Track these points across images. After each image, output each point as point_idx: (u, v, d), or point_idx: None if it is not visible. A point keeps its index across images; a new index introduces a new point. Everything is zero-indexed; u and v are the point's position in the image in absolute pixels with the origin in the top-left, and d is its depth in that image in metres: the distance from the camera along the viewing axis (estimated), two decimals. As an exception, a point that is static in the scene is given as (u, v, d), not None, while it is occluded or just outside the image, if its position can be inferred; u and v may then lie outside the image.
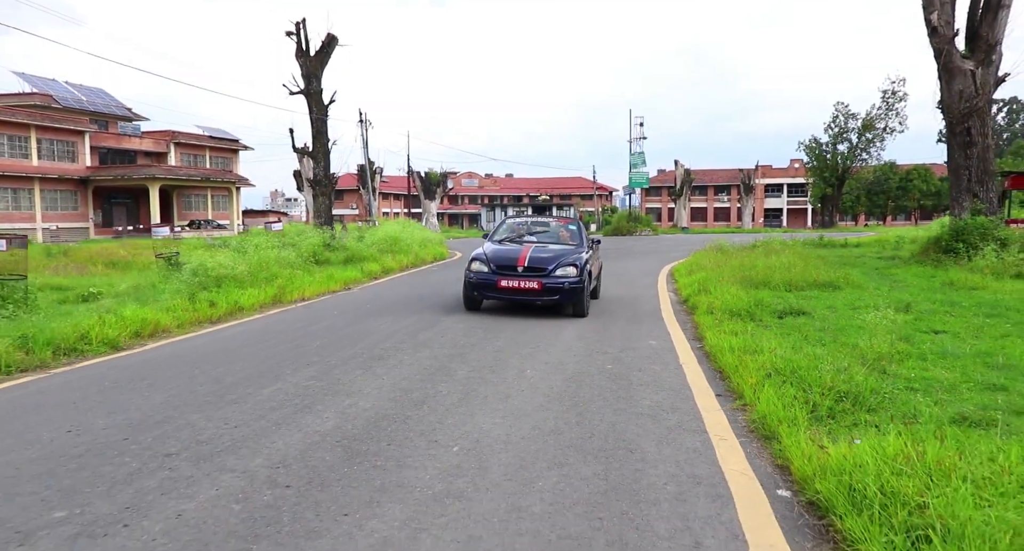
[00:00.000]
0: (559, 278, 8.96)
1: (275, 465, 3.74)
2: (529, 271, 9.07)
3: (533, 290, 8.94)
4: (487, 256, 9.48)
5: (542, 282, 8.91)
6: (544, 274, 9.00)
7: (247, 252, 12.61)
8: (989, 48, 14.64)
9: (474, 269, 9.40)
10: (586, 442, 4.14)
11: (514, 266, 9.17)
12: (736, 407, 4.95)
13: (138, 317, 8.11)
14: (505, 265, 9.22)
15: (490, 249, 9.85)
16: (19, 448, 4.05)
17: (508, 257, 9.38)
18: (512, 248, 9.88)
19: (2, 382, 5.84)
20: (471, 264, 9.52)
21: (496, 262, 9.31)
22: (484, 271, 9.27)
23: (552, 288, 8.91)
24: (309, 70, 27.78)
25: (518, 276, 9.05)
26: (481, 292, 9.27)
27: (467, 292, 9.53)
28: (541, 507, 3.21)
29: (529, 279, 8.98)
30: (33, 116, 44.04)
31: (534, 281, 8.94)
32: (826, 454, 3.46)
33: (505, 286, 9.05)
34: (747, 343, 6.39)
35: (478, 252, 9.73)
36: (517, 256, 9.33)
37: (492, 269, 9.23)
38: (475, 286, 9.30)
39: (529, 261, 9.17)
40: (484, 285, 9.18)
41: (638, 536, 2.94)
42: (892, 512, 2.78)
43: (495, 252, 9.65)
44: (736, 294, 9.61)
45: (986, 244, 13.64)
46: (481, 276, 9.23)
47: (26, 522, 3.05)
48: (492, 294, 9.22)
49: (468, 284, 9.42)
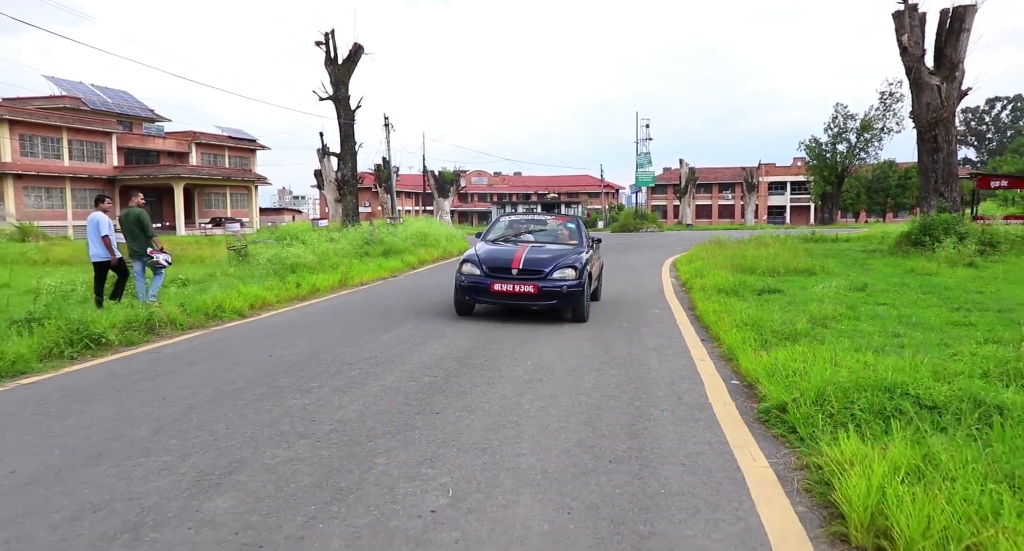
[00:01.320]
0: (557, 281, 8.51)
1: (420, 367, 6.05)
2: (524, 274, 8.57)
3: (529, 294, 8.47)
4: (479, 257, 8.98)
5: (538, 285, 8.43)
6: (540, 277, 8.52)
7: (311, 244, 14.90)
8: (953, 66, 16.84)
9: (465, 271, 8.91)
10: (613, 360, 6.43)
11: (508, 268, 8.65)
12: (713, 344, 7.23)
13: (251, 293, 10.41)
14: (498, 267, 8.71)
15: (483, 250, 9.36)
16: (247, 363, 6.35)
17: (502, 258, 8.85)
18: (506, 249, 9.35)
19: (186, 333, 8.16)
20: (462, 266, 9.03)
21: (489, 264, 8.79)
22: (476, 274, 8.77)
23: (549, 292, 8.44)
24: (337, 77, 30.17)
25: (512, 279, 8.55)
26: (472, 296, 8.80)
27: (458, 296, 9.04)
28: (589, 385, 5.49)
29: (524, 282, 8.49)
30: (65, 118, 46.50)
31: (530, 284, 8.45)
32: (760, 358, 5.72)
33: (498, 290, 8.53)
34: (726, 308, 8.65)
35: (470, 253, 9.33)
36: (511, 257, 8.80)
37: (484, 271, 8.72)
38: (466, 290, 8.81)
39: (524, 263, 8.66)
40: (476, 289, 8.71)
41: (647, 396, 5.22)
42: (788, 378, 5.03)
43: (488, 253, 9.15)
44: (725, 277, 11.86)
45: (947, 238, 15.86)
46: (473, 279, 8.75)
47: (300, 384, 5.34)
48: (484, 298, 8.75)
49: (459, 288, 8.95)
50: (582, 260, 8.93)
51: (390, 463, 3.77)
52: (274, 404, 4.96)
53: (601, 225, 49.53)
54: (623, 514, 3.15)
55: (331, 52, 29.88)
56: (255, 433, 4.30)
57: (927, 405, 4.23)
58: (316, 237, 15.95)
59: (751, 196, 57.19)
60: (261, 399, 5.10)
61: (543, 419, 4.61)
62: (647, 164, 46.39)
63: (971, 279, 12.55)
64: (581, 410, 4.82)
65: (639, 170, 46.50)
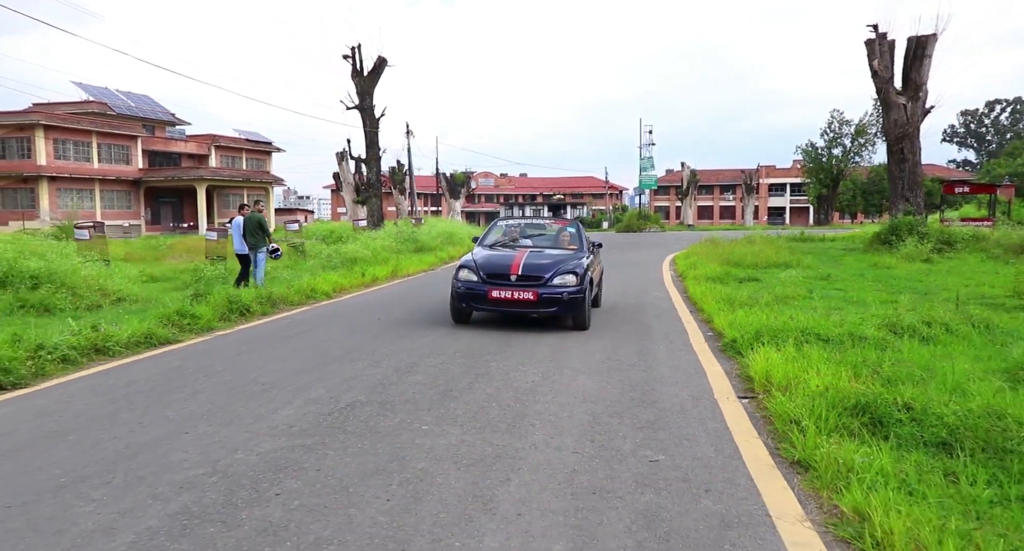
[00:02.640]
0: (557, 288, 8.36)
1: (491, 318, 8.76)
2: (523, 280, 8.44)
3: (528, 301, 8.31)
4: (476, 263, 8.86)
5: (538, 292, 8.29)
6: (540, 283, 8.38)
7: (362, 241, 17.65)
8: (917, 87, 19.54)
9: (462, 278, 8.76)
10: (625, 323, 9.17)
11: (507, 274, 8.50)
12: (698, 313, 9.95)
13: (332, 280, 13.13)
14: (496, 273, 8.56)
15: (480, 255, 9.24)
16: (365, 323, 9.07)
17: (500, 264, 8.74)
18: (504, 254, 9.24)
19: (298, 308, 10.87)
20: (459, 272, 8.89)
21: (486, 270, 8.65)
22: (473, 280, 8.62)
23: (549, 299, 8.29)
24: (363, 88, 32.91)
25: (511, 286, 8.41)
26: (470, 304, 8.63)
27: (454, 304, 8.86)
28: (610, 336, 8.21)
29: (523, 289, 8.35)
30: (95, 123, 49.30)
31: (529, 291, 8.31)
32: (726, 317, 8.44)
33: (497, 297, 8.38)
34: (711, 290, 11.33)
35: (466, 259, 9.20)
36: (510, 263, 8.69)
37: (482, 278, 8.58)
38: (463, 297, 8.64)
39: (523, 269, 8.54)
40: (473, 296, 8.54)
41: (650, 340, 7.94)
42: (741, 326, 7.72)
43: (485, 259, 9.03)
44: (715, 269, 14.57)
45: (910, 237, 18.55)
46: (470, 286, 8.59)
47: (415, 332, 8.06)
48: (482, 306, 8.58)
49: (455, 295, 8.77)
50: (583, 265, 8.81)
51: (500, 365, 6.51)
52: (409, 342, 7.68)
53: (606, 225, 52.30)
54: (636, 385, 5.87)
55: (357, 65, 32.62)
56: (409, 355, 7.03)
57: (823, 338, 6.92)
58: (365, 236, 18.70)
59: (750, 198, 59.90)
60: (398, 339, 7.83)
61: (584, 350, 7.33)
62: (650, 168, 49.24)
63: (922, 272, 15.23)
64: (606, 347, 7.54)
65: (642, 173, 49.34)
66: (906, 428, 4.12)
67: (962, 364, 5.61)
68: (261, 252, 12.13)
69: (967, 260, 17.22)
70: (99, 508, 3.38)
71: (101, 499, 3.49)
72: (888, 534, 2.92)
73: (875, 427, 4.22)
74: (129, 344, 7.41)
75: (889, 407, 4.36)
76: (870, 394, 4.55)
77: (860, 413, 4.37)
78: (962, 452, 3.75)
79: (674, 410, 5.10)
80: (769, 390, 5.30)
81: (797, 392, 4.90)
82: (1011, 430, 3.85)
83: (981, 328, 7.44)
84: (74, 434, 4.57)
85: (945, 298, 9.63)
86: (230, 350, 7.47)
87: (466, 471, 3.84)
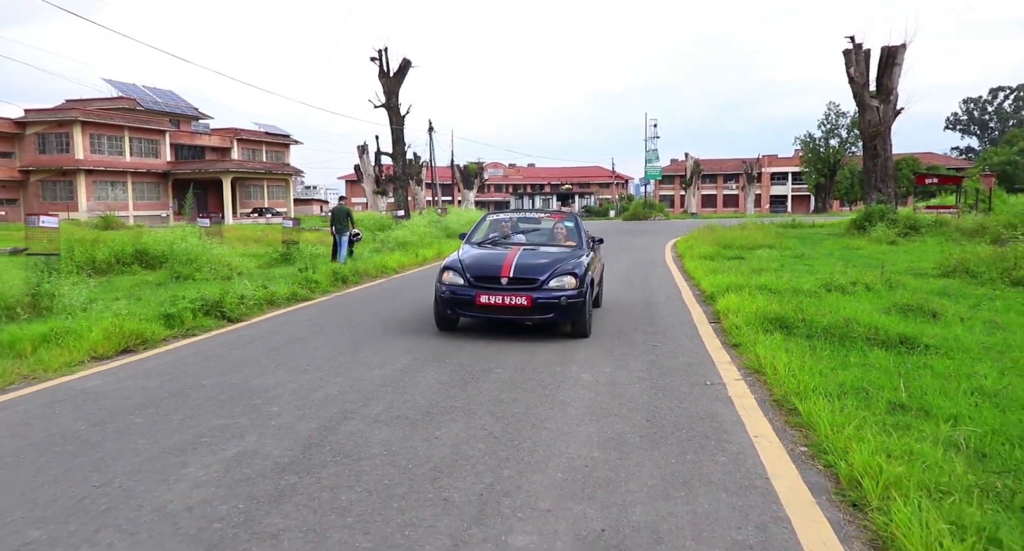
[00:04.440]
0: (554, 291, 7.61)
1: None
2: (516, 283, 7.68)
3: (521, 307, 7.58)
4: (463, 264, 8.09)
5: (532, 296, 7.54)
6: (535, 286, 7.64)
7: (409, 228, 20.88)
8: (888, 92, 22.60)
9: (446, 281, 7.98)
10: (635, 288, 12.38)
11: (497, 276, 7.76)
12: (690, 280, 13.16)
13: (395, 259, 16.33)
14: (485, 275, 7.82)
15: (467, 255, 8.45)
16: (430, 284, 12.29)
17: (489, 265, 7.99)
18: (494, 253, 8.48)
19: (377, 280, 14.07)
20: (443, 274, 8.11)
21: (474, 272, 7.89)
22: (459, 283, 7.87)
23: (545, 304, 7.54)
24: (389, 88, 36.02)
25: (502, 290, 7.65)
26: (455, 310, 7.89)
27: (438, 310, 8.12)
28: (624, 295, 11.43)
29: (516, 293, 7.59)
30: (126, 118, 52.52)
31: (522, 296, 7.56)
32: (709, 280, 11.64)
33: (486, 302, 7.62)
34: (703, 265, 14.51)
35: (452, 259, 8.45)
36: (500, 264, 7.92)
37: (469, 281, 7.81)
38: (448, 303, 7.88)
39: (515, 270, 7.77)
40: (459, 301, 7.79)
41: (654, 296, 11.16)
42: (717, 284, 10.91)
43: (473, 259, 8.26)
44: (708, 250, 17.74)
45: (880, 223, 21.66)
46: (455, 290, 7.83)
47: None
48: (469, 313, 7.85)
49: (439, 300, 8.03)
50: (583, 265, 8.05)
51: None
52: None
53: (613, 214, 55.48)
54: (641, 316, 9.09)
55: (384, 66, 35.72)
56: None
57: (773, 291, 10.09)
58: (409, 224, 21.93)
59: (751, 187, 62.95)
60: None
61: (613, 296, 10.54)
62: (655, 160, 52.37)
63: (884, 252, 18.37)
64: (621, 300, 10.75)
65: (648, 165, 52.50)
66: (799, 329, 7.31)
67: (859, 304, 8.78)
68: (344, 236, 15.33)
69: (927, 243, 20.31)
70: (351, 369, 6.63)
71: (362, 359, 6.73)
72: (773, 367, 6.05)
73: (783, 328, 7.41)
74: (283, 300, 10.62)
75: (793, 319, 7.56)
76: (784, 313, 7.76)
77: (776, 322, 7.57)
78: (821, 338, 6.92)
79: (669, 327, 8.33)
80: (727, 316, 8.51)
81: (740, 313, 8.11)
82: (853, 328, 7.02)
83: (892, 286, 10.60)
84: (310, 340, 7.80)
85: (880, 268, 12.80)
86: (358, 301, 10.70)
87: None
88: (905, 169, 70.12)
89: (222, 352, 7.17)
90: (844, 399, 4.85)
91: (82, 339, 6.95)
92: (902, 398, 4.89)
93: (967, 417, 4.45)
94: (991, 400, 4.82)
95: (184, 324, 8.19)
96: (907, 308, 8.37)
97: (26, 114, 49.43)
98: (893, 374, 5.45)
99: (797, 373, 5.53)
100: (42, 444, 4.41)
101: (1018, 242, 14.07)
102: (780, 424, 4.78)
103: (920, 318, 7.86)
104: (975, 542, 2.85)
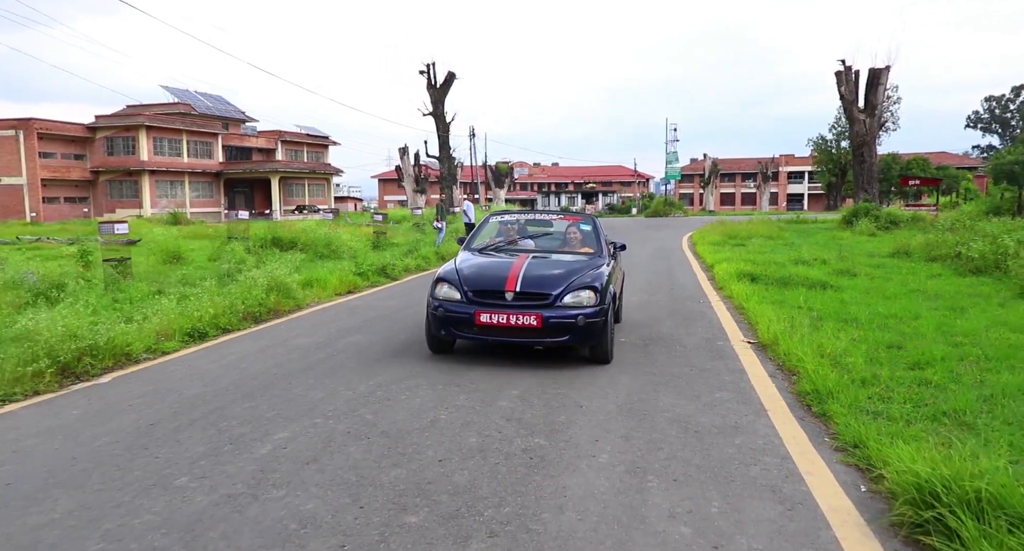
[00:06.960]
0: (569, 309, 6.34)
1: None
2: (523, 298, 6.39)
3: (530, 328, 6.27)
4: (460, 275, 6.77)
5: (543, 315, 6.25)
6: (546, 303, 6.36)
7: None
8: (873, 107, 27.12)
9: (440, 295, 6.67)
10: (658, 261, 17.12)
11: (500, 290, 6.47)
12: (700, 260, 17.91)
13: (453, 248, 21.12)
14: (486, 289, 6.53)
15: (465, 264, 7.11)
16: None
17: (491, 277, 6.69)
18: (498, 262, 7.14)
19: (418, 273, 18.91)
20: (436, 286, 6.79)
21: (473, 284, 6.59)
22: (455, 299, 6.56)
23: (558, 325, 6.28)
24: (436, 98, 40.97)
25: (506, 307, 6.36)
26: (451, 330, 6.54)
27: (431, 330, 6.81)
28: (652, 268, 16.20)
29: (523, 311, 6.30)
30: (184, 122, 57.86)
31: (531, 314, 6.26)
32: (713, 257, 16.37)
33: (486, 322, 6.32)
34: (712, 250, 19.20)
35: (447, 268, 7.12)
36: (505, 275, 6.61)
37: (467, 296, 6.52)
38: (441, 322, 6.57)
39: (523, 283, 6.48)
40: (454, 320, 6.47)
41: (674, 271, 15.93)
42: (720, 263, 15.61)
43: (472, 269, 6.92)
44: (718, 239, 22.43)
45: (865, 218, 26.18)
46: (450, 306, 6.53)
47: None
48: (467, 333, 6.50)
49: (431, 318, 6.71)
50: (603, 276, 6.83)
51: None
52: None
53: (635, 211, 60.19)
54: (664, 274, 13.84)
55: (431, 79, 40.65)
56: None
57: (755, 263, 14.76)
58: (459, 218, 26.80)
59: (766, 186, 67.30)
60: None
61: (636, 276, 15.28)
62: (675, 161, 57.00)
63: (863, 241, 22.95)
64: (649, 268, 15.49)
65: (668, 166, 57.15)
66: (761, 280, 12.03)
67: (812, 271, 13.42)
68: (443, 224, 20.26)
69: (903, 235, 24.86)
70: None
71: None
72: (738, 294, 10.73)
73: (752, 280, 12.12)
74: (413, 268, 15.44)
75: (759, 275, 12.30)
76: (755, 272, 12.50)
77: (747, 276, 12.32)
78: (774, 285, 11.62)
79: (684, 285, 13.09)
80: (718, 274, 13.25)
81: (727, 273, 12.89)
82: (794, 279, 11.73)
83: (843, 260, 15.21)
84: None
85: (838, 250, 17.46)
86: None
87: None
88: (916, 169, 74.11)
89: (401, 291, 12.11)
90: (772, 306, 9.58)
91: (327, 285, 11.81)
92: (801, 303, 9.62)
93: (827, 310, 9.18)
94: (845, 306, 9.53)
95: (369, 279, 13.08)
96: (840, 271, 13.08)
97: (96, 119, 54.90)
98: (805, 297, 10.18)
99: (751, 297, 10.28)
100: (339, 328, 9.28)
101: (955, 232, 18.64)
102: (737, 317, 9.51)
103: (844, 276, 12.54)
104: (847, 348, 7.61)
